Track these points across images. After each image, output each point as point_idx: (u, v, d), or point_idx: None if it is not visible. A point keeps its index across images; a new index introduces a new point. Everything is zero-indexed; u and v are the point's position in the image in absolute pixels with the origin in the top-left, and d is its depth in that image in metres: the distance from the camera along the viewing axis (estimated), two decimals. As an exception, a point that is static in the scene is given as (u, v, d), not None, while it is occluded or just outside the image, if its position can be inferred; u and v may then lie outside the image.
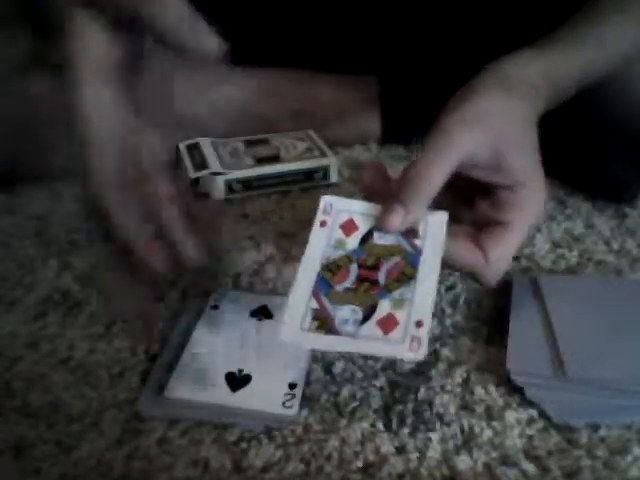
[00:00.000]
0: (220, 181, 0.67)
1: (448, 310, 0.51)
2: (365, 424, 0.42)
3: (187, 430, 0.41)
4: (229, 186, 0.68)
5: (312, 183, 0.70)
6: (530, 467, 0.39)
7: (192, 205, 0.45)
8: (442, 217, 0.44)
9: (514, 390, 0.43)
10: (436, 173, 0.42)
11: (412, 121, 0.76)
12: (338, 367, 0.46)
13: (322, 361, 0.46)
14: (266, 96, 0.76)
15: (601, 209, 0.64)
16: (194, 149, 0.71)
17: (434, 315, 0.49)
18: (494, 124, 0.44)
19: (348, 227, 0.44)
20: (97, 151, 0.42)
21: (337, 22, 0.76)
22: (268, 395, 0.43)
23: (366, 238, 0.43)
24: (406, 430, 0.41)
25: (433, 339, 0.48)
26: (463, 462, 0.39)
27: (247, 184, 0.68)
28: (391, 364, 0.46)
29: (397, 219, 0.42)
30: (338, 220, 0.44)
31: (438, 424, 0.42)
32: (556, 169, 0.69)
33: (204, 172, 0.67)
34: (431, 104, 0.76)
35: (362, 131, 0.77)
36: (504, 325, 0.48)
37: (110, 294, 0.51)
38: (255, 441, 0.40)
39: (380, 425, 0.42)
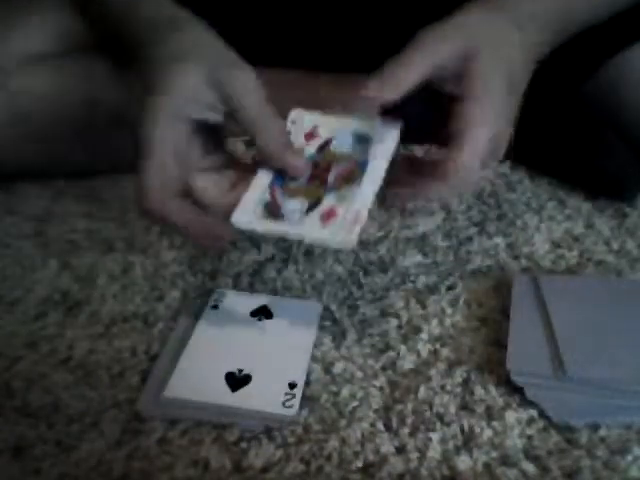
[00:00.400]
0: (220, 181, 0.67)
1: (448, 310, 0.51)
2: (365, 424, 0.42)
3: (187, 430, 0.41)
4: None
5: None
6: (530, 467, 0.39)
7: None
8: (395, 126, 0.48)
9: (514, 390, 0.43)
10: (408, 76, 0.45)
11: (412, 121, 0.76)
12: (338, 367, 0.46)
13: (322, 361, 0.46)
14: (267, 96, 0.76)
15: (601, 209, 0.64)
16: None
17: (433, 317, 0.49)
18: (468, 37, 0.47)
19: (310, 136, 0.48)
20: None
21: (337, 22, 0.76)
22: (268, 395, 0.43)
23: (324, 146, 0.47)
24: (406, 430, 0.41)
25: (433, 339, 0.48)
26: (463, 462, 0.39)
27: (247, 184, 0.68)
28: (391, 364, 0.46)
29: (372, 91, 0.46)
30: (303, 129, 0.48)
31: (438, 424, 0.42)
32: (556, 168, 0.70)
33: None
34: (431, 104, 0.76)
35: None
36: (504, 325, 0.48)
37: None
38: (255, 441, 0.40)
39: (380, 425, 0.42)
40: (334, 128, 0.48)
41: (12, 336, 0.49)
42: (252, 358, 0.46)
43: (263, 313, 0.50)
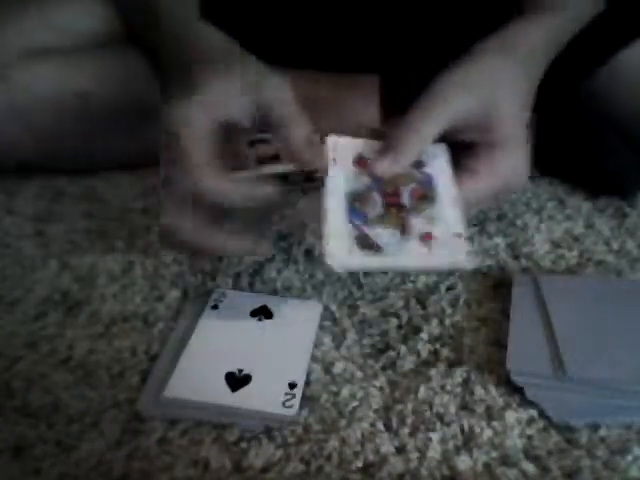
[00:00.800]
0: (220, 181, 0.67)
1: (448, 310, 0.51)
2: (365, 424, 0.42)
3: (187, 430, 0.41)
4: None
5: (312, 183, 0.70)
6: (530, 467, 0.39)
7: None
8: (442, 146, 0.48)
9: (514, 390, 0.43)
10: (427, 128, 0.45)
11: None
12: (338, 367, 0.46)
13: (322, 361, 0.46)
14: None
15: (601, 209, 0.64)
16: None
17: (433, 317, 0.49)
18: (486, 88, 0.47)
19: (360, 163, 0.47)
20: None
21: (337, 21, 0.76)
22: (268, 395, 0.43)
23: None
24: (406, 430, 0.41)
25: (433, 339, 0.48)
26: (463, 462, 0.39)
27: (247, 184, 0.68)
28: (391, 364, 0.46)
29: (386, 164, 0.45)
30: (349, 156, 0.47)
31: (438, 424, 0.42)
32: (557, 167, 0.70)
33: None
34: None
35: (362, 131, 0.77)
36: (504, 325, 0.48)
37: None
38: (255, 441, 0.40)
39: (380, 425, 0.42)
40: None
41: (12, 336, 0.49)
42: (252, 358, 0.46)
43: (263, 313, 0.50)
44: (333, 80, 0.77)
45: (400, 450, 0.40)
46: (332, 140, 0.48)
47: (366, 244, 0.42)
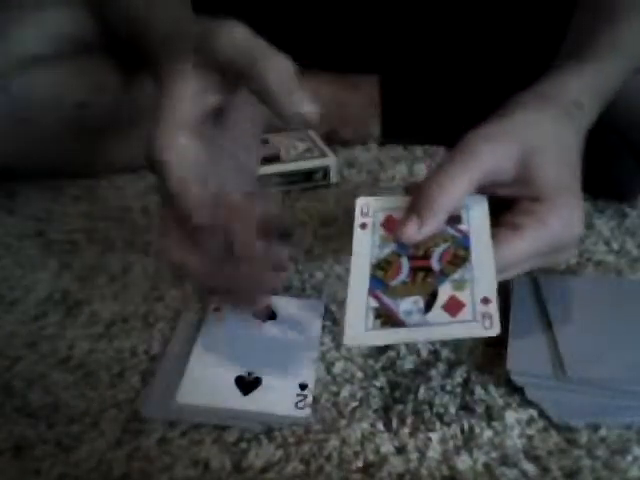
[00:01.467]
0: (220, 181, 0.67)
1: (448, 310, 0.51)
2: (365, 424, 0.42)
3: (187, 430, 0.41)
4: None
5: (312, 183, 0.70)
6: (530, 467, 0.39)
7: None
8: (482, 199, 0.43)
9: (514, 390, 0.43)
10: (457, 187, 0.41)
11: (412, 121, 0.76)
12: (338, 367, 0.46)
13: (322, 361, 0.46)
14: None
15: (601, 209, 0.64)
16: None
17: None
18: (521, 138, 0.43)
19: (389, 224, 0.43)
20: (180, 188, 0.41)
21: (337, 21, 0.76)
22: (280, 397, 0.43)
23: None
24: (406, 430, 0.41)
25: (433, 339, 0.48)
26: (463, 462, 0.39)
27: (247, 184, 0.68)
28: (391, 364, 0.46)
29: (412, 230, 0.41)
30: (378, 219, 0.44)
31: (438, 424, 0.42)
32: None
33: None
34: (431, 105, 0.76)
35: (362, 131, 0.77)
36: (504, 325, 0.48)
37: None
38: (255, 441, 0.40)
39: (380, 425, 0.42)
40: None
41: (12, 336, 0.49)
42: (260, 360, 0.46)
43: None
44: (333, 80, 0.77)
45: (400, 450, 0.40)
46: (362, 202, 0.45)
47: (385, 317, 0.39)
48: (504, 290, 0.52)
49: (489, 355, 0.47)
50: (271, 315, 0.50)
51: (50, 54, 0.67)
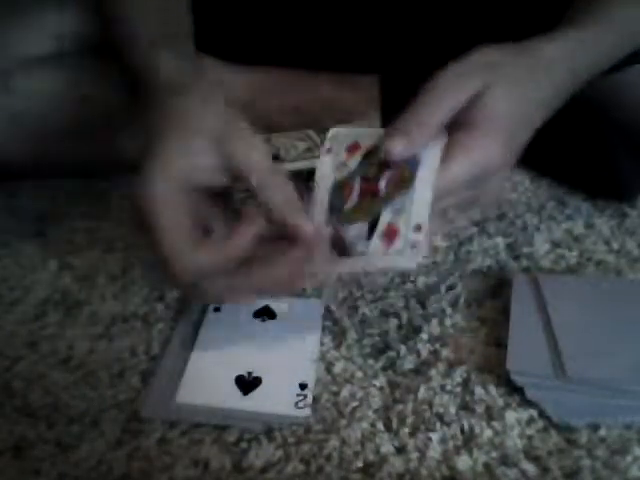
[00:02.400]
0: (220, 181, 0.67)
1: (448, 310, 0.51)
2: (365, 424, 0.42)
3: (187, 430, 0.41)
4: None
5: (312, 183, 0.70)
6: (530, 467, 0.39)
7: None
8: (441, 136, 0.44)
9: (514, 390, 0.43)
10: (435, 116, 0.43)
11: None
12: (338, 367, 0.46)
13: (322, 361, 0.46)
14: (266, 95, 0.76)
15: (601, 209, 0.64)
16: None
17: (433, 317, 0.49)
18: (487, 73, 0.46)
19: (352, 149, 0.44)
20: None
21: (337, 21, 0.76)
22: (280, 397, 0.43)
23: (368, 154, 0.44)
24: (406, 430, 0.41)
25: (433, 339, 0.48)
26: (463, 462, 0.39)
27: (247, 184, 0.68)
28: (391, 364, 0.46)
29: (399, 147, 0.42)
30: (343, 145, 0.45)
31: (438, 424, 0.42)
32: (557, 169, 0.70)
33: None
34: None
35: (362, 131, 0.77)
36: (504, 325, 0.48)
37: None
38: (255, 441, 0.40)
39: (380, 425, 0.42)
40: (377, 137, 0.44)
41: (12, 336, 0.49)
42: (259, 360, 0.46)
43: (266, 313, 0.50)
44: (333, 80, 0.77)
45: (400, 450, 0.40)
46: (332, 131, 0.46)
47: (338, 246, 0.41)
48: (504, 290, 0.52)
49: (489, 355, 0.47)
50: (271, 315, 0.50)
51: (51, 54, 0.67)
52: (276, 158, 0.70)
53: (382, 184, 0.42)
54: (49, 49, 0.67)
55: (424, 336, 0.49)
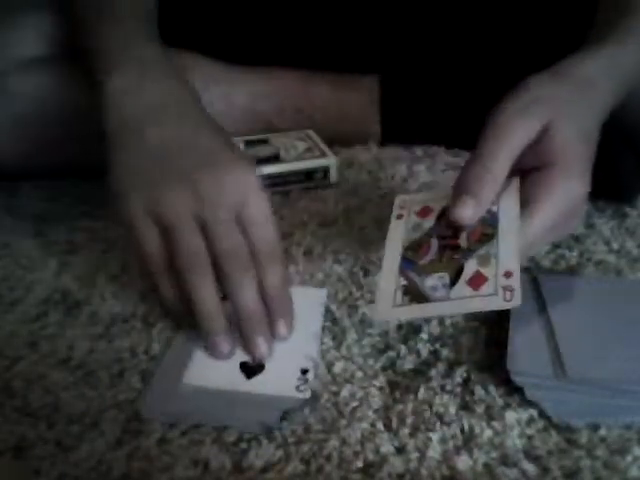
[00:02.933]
0: (220, 181, 0.67)
1: (448, 310, 0.51)
2: (365, 424, 0.42)
3: (187, 430, 0.41)
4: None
5: (312, 183, 0.70)
6: (530, 467, 0.39)
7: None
8: (513, 180, 0.45)
9: (514, 390, 0.43)
10: (501, 163, 0.43)
11: (412, 121, 0.76)
12: (338, 367, 0.46)
13: (322, 361, 0.46)
14: (266, 96, 0.76)
15: (601, 209, 0.64)
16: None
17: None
18: (545, 111, 0.45)
19: (423, 212, 0.46)
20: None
21: (337, 21, 0.76)
22: (282, 381, 0.44)
23: (441, 215, 0.45)
24: (406, 430, 0.41)
25: (433, 339, 0.48)
26: (463, 462, 0.39)
27: (247, 184, 0.68)
28: (391, 364, 0.46)
29: (469, 211, 0.43)
30: (413, 210, 0.47)
31: (438, 424, 0.42)
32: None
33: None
34: (431, 105, 0.76)
35: (362, 131, 0.77)
36: (504, 325, 0.48)
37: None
38: (255, 441, 0.40)
39: (380, 425, 0.42)
40: (447, 198, 0.45)
41: (12, 336, 0.49)
42: None
43: None
44: (333, 80, 0.77)
45: (400, 450, 0.40)
46: (399, 199, 0.48)
47: (411, 293, 0.41)
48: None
49: (489, 355, 0.47)
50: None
51: (48, 55, 0.67)
52: (276, 158, 0.71)
53: (462, 240, 0.42)
54: (46, 50, 0.67)
55: (424, 336, 0.49)
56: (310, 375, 0.45)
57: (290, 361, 0.46)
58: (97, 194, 0.68)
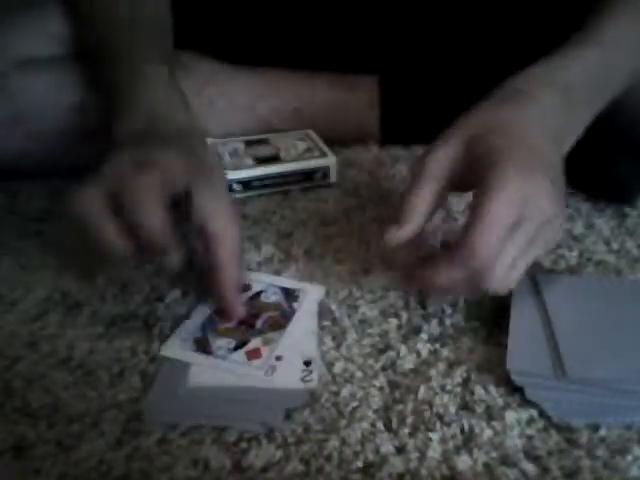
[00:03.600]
0: (220, 181, 0.67)
1: (448, 310, 0.51)
2: (365, 424, 0.42)
3: (187, 431, 0.41)
4: (229, 186, 0.68)
5: (312, 183, 0.70)
6: (530, 467, 0.39)
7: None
8: (319, 291, 0.53)
9: (514, 390, 0.43)
10: (421, 200, 0.46)
11: (412, 121, 0.76)
12: (338, 367, 0.46)
13: (322, 361, 0.46)
14: (266, 96, 0.76)
15: (601, 209, 0.64)
16: (194, 149, 0.71)
17: (433, 317, 0.49)
18: (467, 128, 0.47)
19: (243, 288, 0.53)
20: None
21: (336, 21, 0.76)
22: (286, 375, 0.45)
23: (254, 296, 0.52)
24: (406, 430, 0.41)
25: (433, 339, 0.48)
26: (463, 462, 0.39)
27: (247, 184, 0.68)
28: (391, 364, 0.46)
29: (394, 234, 0.46)
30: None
31: (438, 424, 0.42)
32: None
33: (204, 172, 0.67)
34: (431, 104, 0.76)
35: (362, 131, 0.77)
36: (504, 325, 0.48)
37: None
38: (255, 441, 0.40)
39: (380, 425, 0.42)
40: (266, 282, 0.54)
41: (12, 336, 0.49)
42: None
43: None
44: (333, 80, 0.77)
45: (400, 450, 0.40)
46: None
47: (200, 345, 0.47)
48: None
49: (489, 355, 0.47)
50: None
51: (50, 54, 0.67)
52: (276, 158, 0.71)
53: (260, 322, 0.49)
54: (48, 51, 0.67)
55: (424, 336, 0.49)
56: (314, 366, 0.45)
57: (292, 355, 0.46)
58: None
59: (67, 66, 0.67)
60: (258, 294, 0.53)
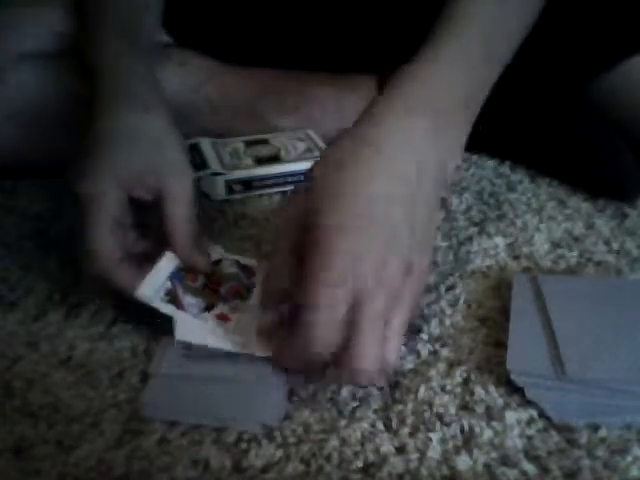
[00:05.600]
0: (220, 181, 0.67)
1: (448, 310, 0.51)
2: (365, 424, 0.42)
3: (187, 431, 0.41)
4: (229, 186, 0.68)
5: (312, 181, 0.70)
6: (530, 467, 0.39)
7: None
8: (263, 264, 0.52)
9: (514, 390, 0.43)
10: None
11: None
12: (338, 367, 0.46)
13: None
14: (265, 95, 0.76)
15: (601, 209, 0.64)
16: (194, 149, 0.71)
17: (433, 317, 0.49)
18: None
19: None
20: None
21: (335, 21, 0.76)
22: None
23: (215, 263, 0.53)
24: (406, 430, 0.41)
25: (433, 339, 0.48)
26: (463, 462, 0.39)
27: (247, 184, 0.68)
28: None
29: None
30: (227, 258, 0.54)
31: (438, 424, 0.42)
32: (557, 169, 0.70)
33: (204, 172, 0.67)
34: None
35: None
36: (504, 325, 0.48)
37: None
38: (255, 441, 0.40)
39: (380, 425, 0.42)
40: (220, 254, 0.54)
41: (12, 336, 0.49)
42: None
43: None
44: (331, 80, 0.77)
45: (400, 450, 0.40)
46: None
47: (172, 298, 0.48)
48: (504, 290, 0.52)
49: (489, 355, 0.47)
50: None
51: (49, 51, 0.67)
52: (276, 158, 0.71)
53: (223, 290, 0.51)
54: (46, 46, 0.67)
55: (424, 336, 0.49)
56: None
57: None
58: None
59: (66, 62, 0.67)
60: (217, 263, 0.53)
